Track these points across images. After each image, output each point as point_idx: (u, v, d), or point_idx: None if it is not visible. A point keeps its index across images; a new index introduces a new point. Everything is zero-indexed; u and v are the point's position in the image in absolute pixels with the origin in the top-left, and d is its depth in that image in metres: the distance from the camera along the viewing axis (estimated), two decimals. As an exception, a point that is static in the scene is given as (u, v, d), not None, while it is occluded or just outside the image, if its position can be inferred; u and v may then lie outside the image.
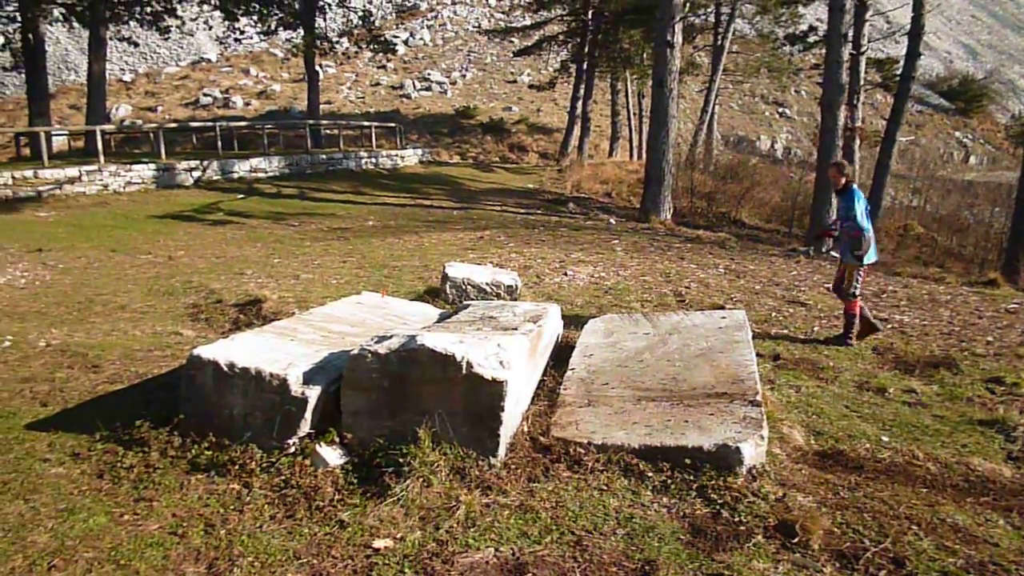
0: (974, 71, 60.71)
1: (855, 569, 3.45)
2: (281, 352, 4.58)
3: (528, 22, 35.15)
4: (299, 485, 3.98)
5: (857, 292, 7.48)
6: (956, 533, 3.84)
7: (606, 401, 4.82)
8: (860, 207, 7.28)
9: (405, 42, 46.27)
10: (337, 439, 4.26)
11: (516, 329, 4.87)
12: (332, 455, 4.15)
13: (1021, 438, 5.34)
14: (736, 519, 3.79)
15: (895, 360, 7.18)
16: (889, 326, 8.60)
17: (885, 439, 5.16)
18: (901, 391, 6.28)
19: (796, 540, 3.62)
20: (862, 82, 25.40)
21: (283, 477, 4.06)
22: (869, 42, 27.22)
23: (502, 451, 4.16)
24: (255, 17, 26.38)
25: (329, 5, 28.40)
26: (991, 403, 6.13)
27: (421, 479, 3.93)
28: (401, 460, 4.01)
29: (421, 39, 47.34)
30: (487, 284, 7.94)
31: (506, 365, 4.08)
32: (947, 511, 4.07)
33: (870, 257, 7.47)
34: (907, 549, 3.61)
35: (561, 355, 5.92)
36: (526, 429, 4.56)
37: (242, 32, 28.51)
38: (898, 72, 22.29)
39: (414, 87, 41.20)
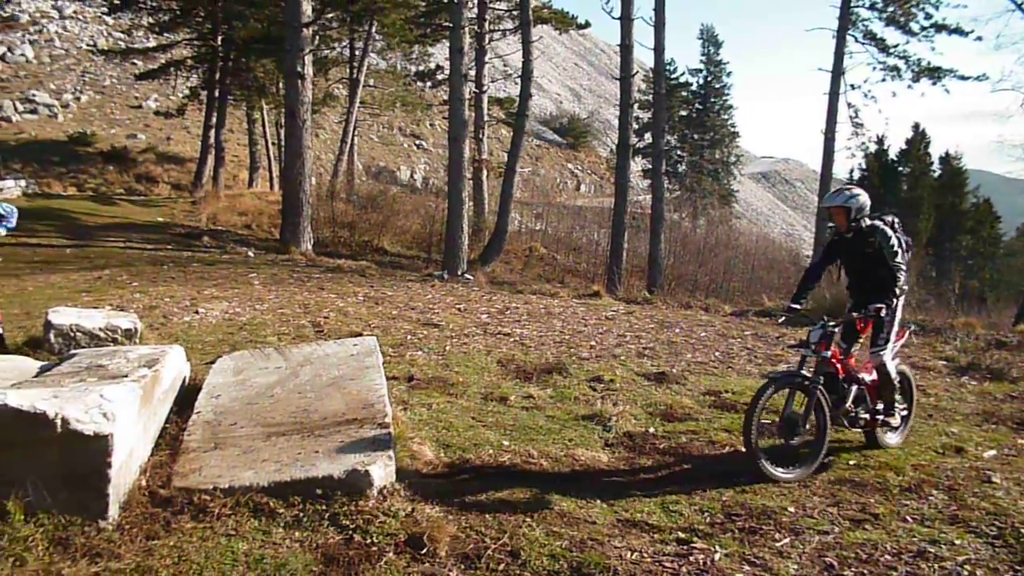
0: (579, 111, 69.43)
1: (477, 568, 3.72)
2: None
3: (152, 44, 32.64)
4: None
5: None
6: (562, 518, 4.33)
7: (234, 442, 4.64)
8: None
9: (2, 57, 40.34)
10: None
11: (127, 376, 4.49)
12: None
13: (614, 427, 6.20)
14: (368, 541, 3.87)
15: (516, 370, 7.91)
16: (512, 339, 9.45)
17: (506, 443, 5.65)
18: (521, 397, 6.92)
19: (425, 551, 3.80)
20: (486, 118, 27.72)
21: None
22: (491, 82, 29.84)
23: (114, 512, 3.79)
24: None
25: None
26: (592, 399, 7.03)
27: (12, 559, 3.42)
28: (-15, 541, 3.47)
29: (22, 55, 41.58)
30: (101, 329, 7.17)
31: (111, 417, 3.74)
32: (556, 500, 4.57)
33: None
34: (522, 540, 3.98)
35: (188, 399, 5.57)
36: (144, 483, 4.21)
37: None
38: (516, 110, 24.64)
39: (15, 109, 35.99)
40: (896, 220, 5.72)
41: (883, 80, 26.71)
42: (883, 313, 5.32)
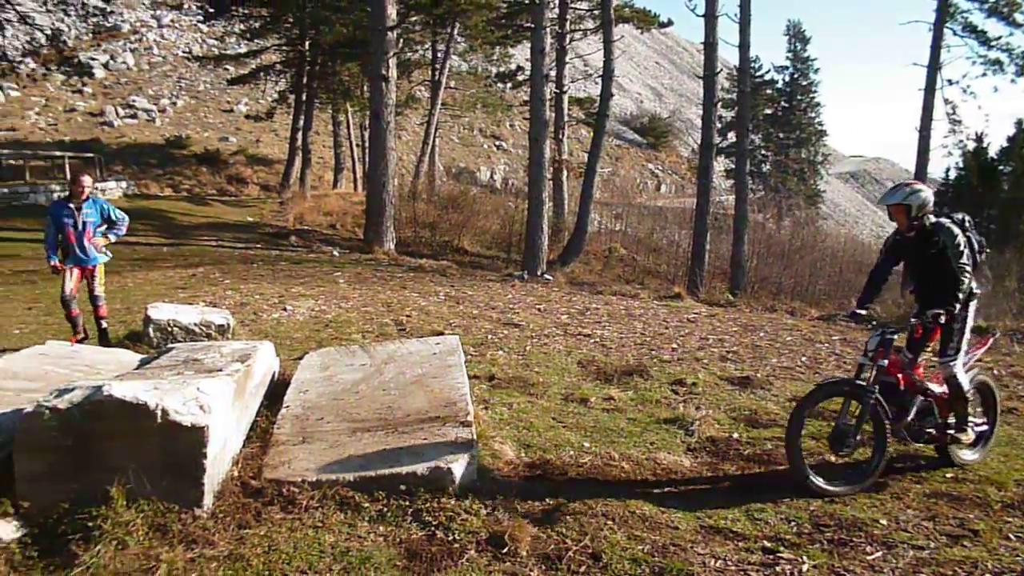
0: (660, 110, 68.59)
1: (558, 569, 3.71)
2: (-64, 417, 3.98)
3: (243, 50, 33.86)
4: (-38, 569, 3.47)
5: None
6: (644, 522, 4.27)
7: (321, 436, 4.75)
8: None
9: (105, 65, 42.41)
10: (12, 510, 3.76)
11: (221, 370, 4.65)
12: (5, 528, 3.66)
13: (697, 431, 6.08)
14: (450, 538, 3.91)
15: (596, 372, 7.86)
16: (592, 340, 9.40)
17: (587, 445, 5.61)
18: (601, 399, 6.87)
19: (506, 550, 3.82)
20: (566, 118, 27.65)
21: (-59, 563, 3.52)
22: (571, 82, 29.76)
23: (208, 500, 3.94)
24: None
25: (9, 20, 25.20)
26: (674, 403, 6.92)
27: (115, 542, 3.59)
28: (91, 524, 3.64)
29: (124, 63, 43.70)
30: (196, 324, 7.48)
31: (207, 409, 3.88)
32: (637, 504, 4.51)
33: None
34: (603, 543, 3.95)
35: (277, 393, 5.75)
36: (236, 474, 4.36)
37: None
38: (597, 110, 24.53)
39: (117, 114, 37.86)
40: (968, 219, 5.24)
41: (983, 75, 25.39)
42: (942, 320, 4.87)
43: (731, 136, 40.63)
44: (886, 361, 4.92)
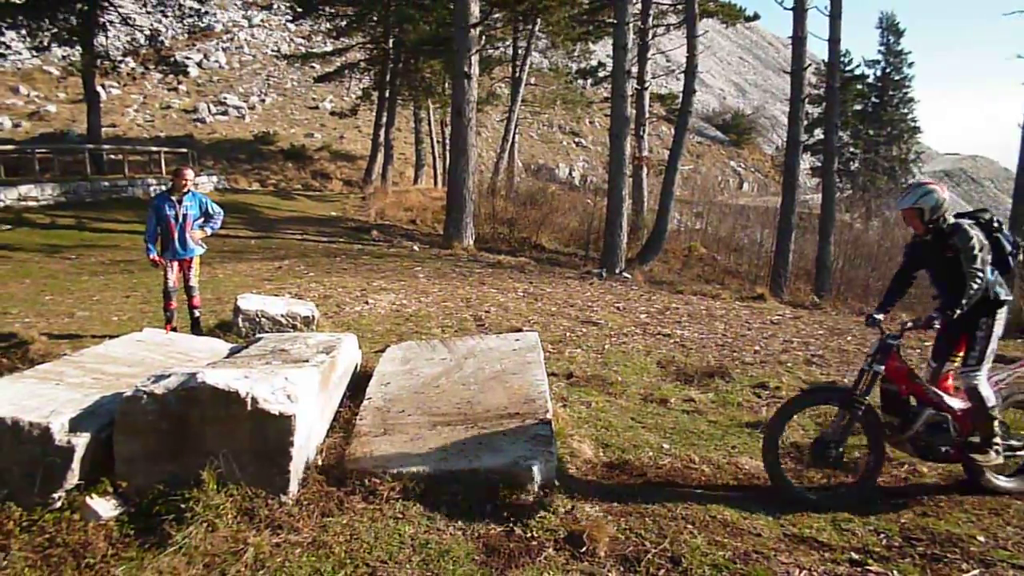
0: (743, 107, 67.15)
1: (637, 571, 3.65)
2: (43, 399, 4.18)
3: (329, 48, 34.72)
4: (66, 542, 3.63)
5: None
6: (726, 528, 4.17)
7: (402, 429, 4.82)
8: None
9: (199, 64, 44.17)
10: (111, 489, 3.93)
11: (307, 361, 4.77)
12: (105, 506, 3.83)
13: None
14: (528, 535, 3.90)
15: (676, 372, 7.74)
16: (672, 341, 9.27)
17: (666, 446, 5.53)
18: (681, 400, 6.77)
19: (584, 549, 3.78)
20: (647, 114, 27.33)
21: (47, 535, 3.68)
22: (653, 78, 29.38)
23: (293, 487, 4.04)
24: (23, 31, 23.97)
25: (111, 22, 26.45)
26: (757, 406, 6.75)
27: (205, 524, 3.72)
28: (183, 505, 3.78)
29: (216, 61, 45.41)
30: (282, 316, 7.70)
31: (294, 399, 3.98)
32: (718, 509, 4.41)
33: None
34: (683, 547, 3.87)
35: (359, 385, 5.85)
36: (320, 462, 4.47)
37: (7, 47, 25.75)
38: (678, 106, 24.17)
39: (209, 111, 39.37)
40: (997, 219, 4.86)
41: (1095, 68, 24.02)
42: (935, 324, 4.53)
43: (818, 133, 39.48)
44: (883, 367, 4.65)
